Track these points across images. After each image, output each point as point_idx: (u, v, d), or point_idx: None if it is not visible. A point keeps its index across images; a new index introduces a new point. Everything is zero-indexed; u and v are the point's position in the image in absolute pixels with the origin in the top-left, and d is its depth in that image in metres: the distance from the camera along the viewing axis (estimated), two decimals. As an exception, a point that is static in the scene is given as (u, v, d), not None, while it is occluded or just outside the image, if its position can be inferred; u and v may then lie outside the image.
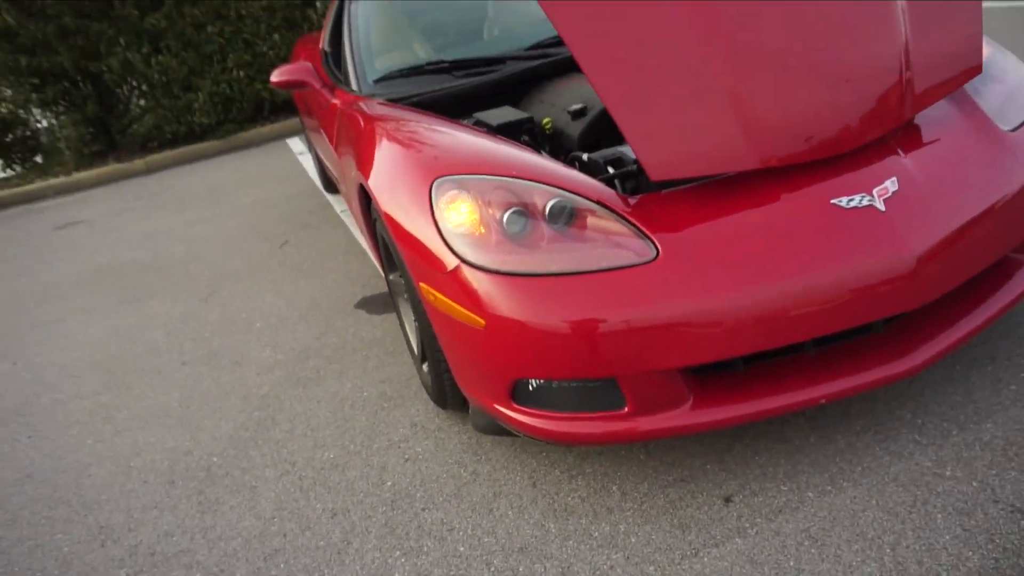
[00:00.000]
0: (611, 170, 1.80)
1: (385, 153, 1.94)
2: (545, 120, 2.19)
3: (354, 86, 2.74)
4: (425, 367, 2.09)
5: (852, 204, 1.51)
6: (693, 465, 1.79)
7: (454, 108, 2.44)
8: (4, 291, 4.23)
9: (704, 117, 1.54)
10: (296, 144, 6.46)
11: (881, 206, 1.51)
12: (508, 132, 2.09)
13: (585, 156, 1.89)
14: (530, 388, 1.60)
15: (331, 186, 4.54)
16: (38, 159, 7.53)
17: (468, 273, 1.54)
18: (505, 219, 1.56)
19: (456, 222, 1.61)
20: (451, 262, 1.57)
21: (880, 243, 1.47)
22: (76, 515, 2.08)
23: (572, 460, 1.88)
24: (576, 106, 2.12)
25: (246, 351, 2.83)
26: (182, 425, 2.42)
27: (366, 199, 2.18)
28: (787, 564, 1.49)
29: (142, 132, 6.97)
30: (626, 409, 1.54)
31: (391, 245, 1.88)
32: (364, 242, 3.44)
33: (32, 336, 3.46)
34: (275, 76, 3.02)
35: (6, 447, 2.52)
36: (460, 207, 1.61)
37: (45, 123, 7.59)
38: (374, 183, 1.94)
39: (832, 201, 1.52)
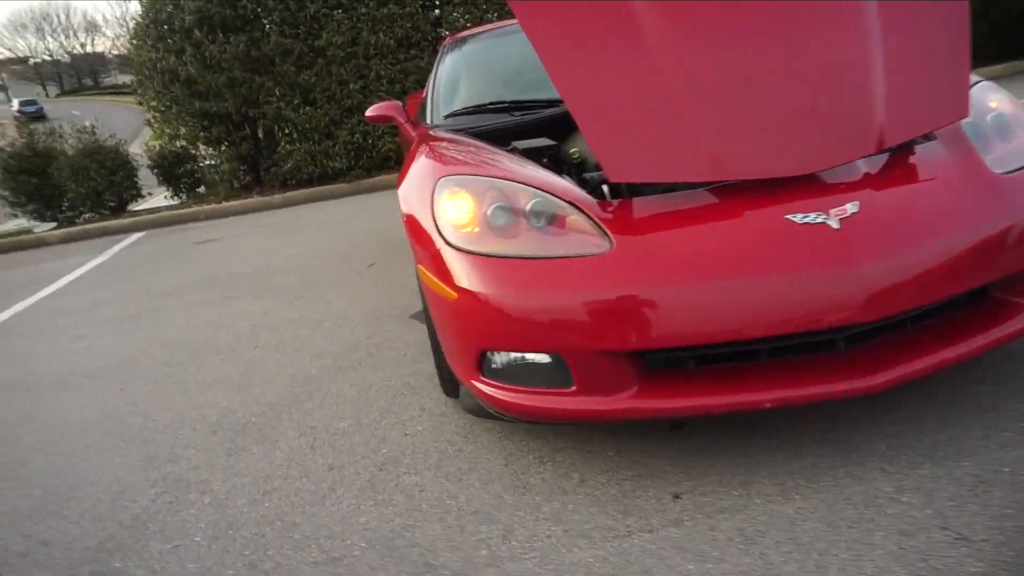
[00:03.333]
0: (605, 188, 1.98)
1: (417, 163, 2.24)
2: (573, 150, 2.41)
3: (428, 120, 3.11)
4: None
5: (805, 220, 1.60)
6: (655, 465, 1.86)
7: (504, 140, 2.72)
8: (141, 286, 4.93)
9: (666, 127, 1.70)
10: (411, 190, 7.04)
11: (836, 224, 1.58)
12: (532, 155, 2.33)
13: (587, 175, 2.09)
14: (495, 364, 1.77)
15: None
16: (200, 189, 8.66)
17: (447, 252, 1.76)
18: (490, 212, 1.78)
19: (451, 214, 1.84)
20: (439, 243, 1.81)
21: (827, 256, 1.54)
22: (134, 446, 2.45)
23: (546, 450, 2.00)
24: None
25: (308, 342, 3.18)
26: (237, 390, 2.76)
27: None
28: (711, 554, 1.54)
29: (284, 171, 7.87)
30: (573, 387, 1.67)
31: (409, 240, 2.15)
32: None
33: (147, 317, 4.03)
34: (369, 111, 3.47)
35: (99, 395, 2.98)
36: (457, 201, 1.85)
37: (209, 160, 8.75)
38: (402, 191, 2.23)
39: (786, 216, 1.61)
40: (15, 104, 42.55)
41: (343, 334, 3.21)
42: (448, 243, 1.78)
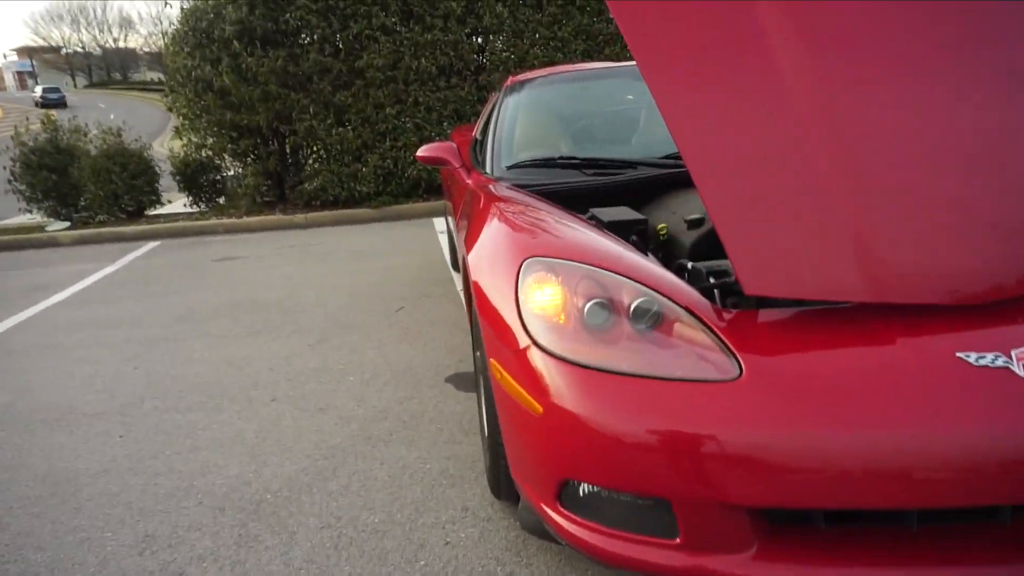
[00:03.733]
0: (712, 280, 1.70)
1: (490, 230, 1.96)
2: (660, 226, 2.14)
3: (488, 169, 2.84)
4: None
5: (983, 362, 1.31)
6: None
7: (577, 202, 2.45)
8: (155, 306, 4.65)
9: (816, 238, 1.42)
10: (440, 223, 6.80)
11: (1020, 371, 1.29)
12: (618, 230, 2.05)
13: (689, 264, 1.80)
14: (580, 493, 1.47)
15: (457, 264, 4.69)
16: (221, 200, 8.43)
17: (536, 355, 1.47)
18: (587, 309, 1.49)
19: (538, 304, 1.56)
20: (523, 341, 1.52)
21: (1012, 412, 1.25)
22: (130, 518, 2.14)
23: (618, 587, 1.69)
24: (694, 215, 2.05)
25: (332, 399, 2.88)
26: (251, 456, 2.46)
27: (468, 276, 2.21)
28: None
29: (309, 191, 7.63)
30: (677, 540, 1.36)
31: (474, 318, 1.86)
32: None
33: (161, 347, 3.74)
34: (421, 151, 3.21)
35: (100, 440, 2.68)
36: (545, 289, 1.57)
37: (232, 171, 8.53)
38: (472, 256, 1.95)
39: (958, 354, 1.32)
40: (38, 91, 42.90)
41: (371, 394, 2.91)
42: (536, 343, 1.49)
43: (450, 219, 4.15)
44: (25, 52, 71.21)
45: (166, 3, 8.12)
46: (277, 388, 3.06)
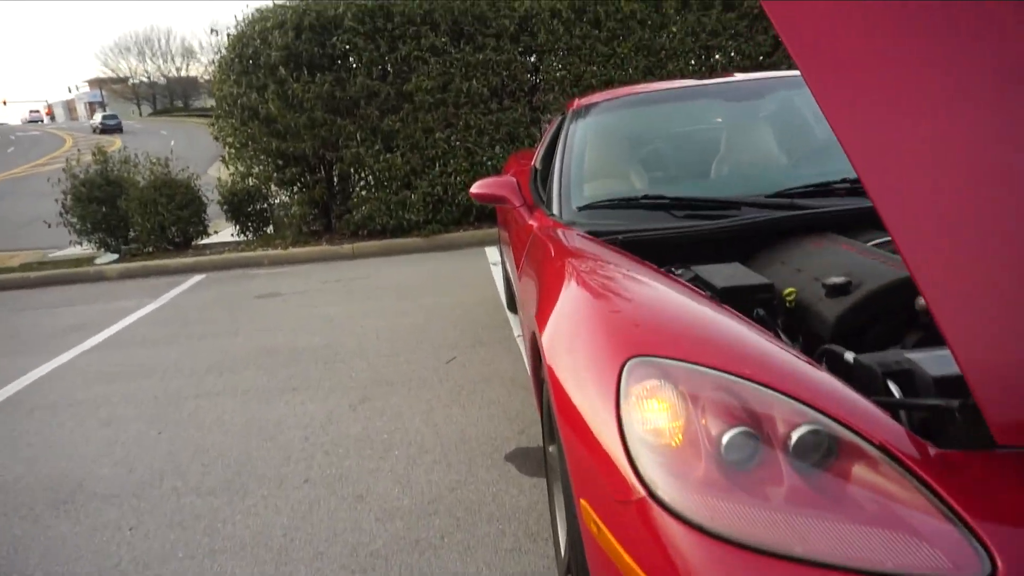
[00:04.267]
0: (895, 389, 1.19)
1: (570, 303, 1.50)
2: (788, 290, 1.64)
3: (555, 210, 2.39)
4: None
5: None
6: None
7: (668, 255, 1.97)
8: (191, 351, 4.34)
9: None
10: (493, 253, 6.39)
11: None
12: (736, 299, 1.56)
13: (850, 356, 1.31)
14: None
15: (514, 304, 4.24)
16: (268, 230, 8.22)
17: (655, 516, 1.00)
18: (725, 441, 1.02)
19: (650, 426, 1.09)
20: (634, 489, 1.05)
21: None
22: (125, 658, 1.74)
23: None
24: (836, 279, 1.55)
25: (373, 483, 2.45)
26: (276, 565, 2.04)
27: (537, 352, 1.75)
28: None
29: (356, 219, 7.33)
30: None
31: (555, 425, 1.40)
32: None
33: (188, 406, 3.39)
34: (476, 188, 2.79)
35: (107, 534, 2.31)
36: (659, 406, 1.10)
37: (279, 200, 8.31)
38: (549, 339, 1.49)
39: None
40: (97, 118, 44.80)
41: (418, 476, 2.47)
42: (654, 496, 1.02)
43: (506, 256, 3.72)
44: (96, 83, 74.53)
45: (213, 31, 7.95)
46: (312, 464, 2.65)
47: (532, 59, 7.54)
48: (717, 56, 7.30)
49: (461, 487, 2.37)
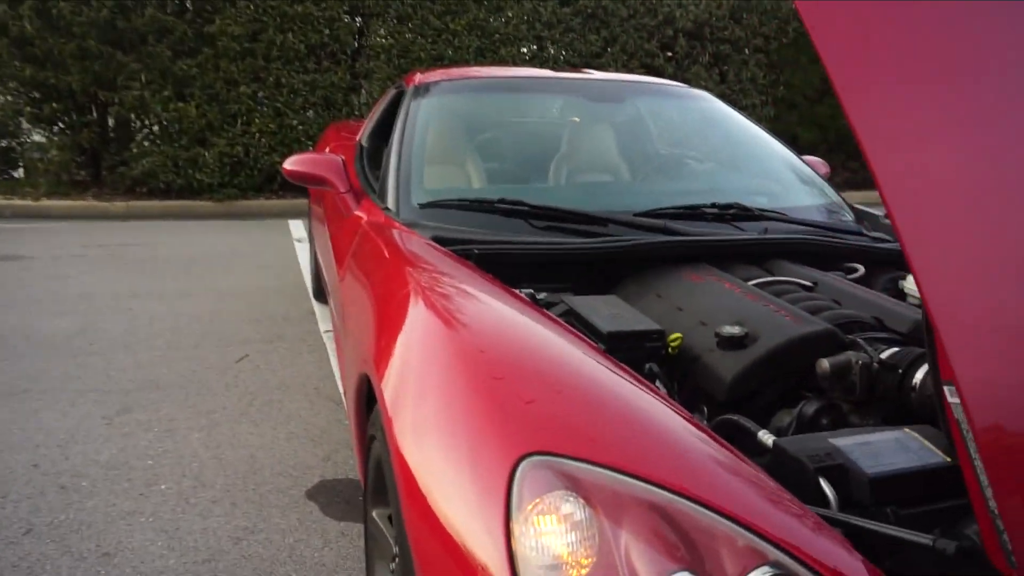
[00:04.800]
0: (829, 491, 0.98)
1: (425, 348, 1.13)
2: (673, 336, 1.40)
3: (390, 203, 1.99)
4: None
5: None
6: None
7: (525, 274, 1.66)
8: None
9: None
10: (298, 228, 5.74)
11: None
12: (624, 348, 1.29)
13: (767, 437, 1.08)
14: None
15: (321, 294, 3.74)
16: (16, 174, 6.77)
17: None
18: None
19: (549, 553, 0.77)
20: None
21: None
22: None
23: None
24: (730, 328, 1.33)
25: (128, 534, 1.89)
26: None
27: (367, 392, 1.36)
28: None
29: (135, 173, 6.24)
30: None
31: (397, 513, 1.03)
32: (343, 387, 2.57)
33: None
34: (292, 164, 2.28)
35: None
36: (564, 531, 0.78)
37: (37, 138, 6.87)
38: (392, 390, 1.11)
39: None
40: None
41: (191, 522, 1.95)
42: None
43: (317, 236, 3.24)
44: None
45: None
46: (39, 509, 2.00)
47: (359, 21, 6.92)
48: (551, 49, 7.22)
49: (248, 537, 1.89)
